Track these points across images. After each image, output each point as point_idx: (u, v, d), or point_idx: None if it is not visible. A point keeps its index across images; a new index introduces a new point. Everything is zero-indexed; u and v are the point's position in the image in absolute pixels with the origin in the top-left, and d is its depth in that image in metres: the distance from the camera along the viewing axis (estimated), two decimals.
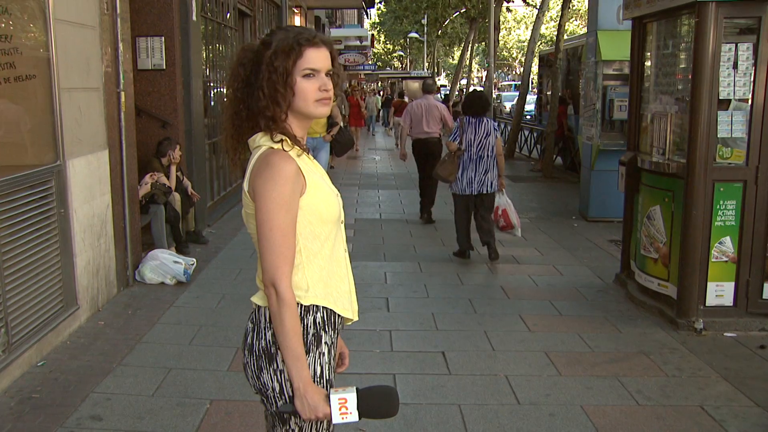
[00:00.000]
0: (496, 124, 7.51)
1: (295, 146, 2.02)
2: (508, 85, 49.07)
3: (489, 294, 6.26)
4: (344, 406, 1.97)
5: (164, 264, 6.28)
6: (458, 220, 7.54)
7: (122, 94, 5.97)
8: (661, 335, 5.22)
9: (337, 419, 1.97)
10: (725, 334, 5.23)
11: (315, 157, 4.64)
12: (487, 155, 7.21)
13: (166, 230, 7.02)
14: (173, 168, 7.37)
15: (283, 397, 2.01)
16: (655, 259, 5.78)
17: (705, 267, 5.30)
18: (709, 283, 5.32)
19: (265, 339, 2.02)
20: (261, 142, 2.01)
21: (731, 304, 5.34)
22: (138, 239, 6.45)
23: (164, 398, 4.06)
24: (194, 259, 6.65)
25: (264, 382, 2.03)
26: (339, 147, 9.64)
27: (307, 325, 2.03)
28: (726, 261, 5.31)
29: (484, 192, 7.27)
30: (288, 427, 2.06)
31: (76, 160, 5.15)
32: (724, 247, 5.29)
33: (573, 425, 3.82)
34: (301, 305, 2.02)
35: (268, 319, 2.01)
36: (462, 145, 7.23)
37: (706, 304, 5.33)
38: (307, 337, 2.02)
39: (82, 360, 4.60)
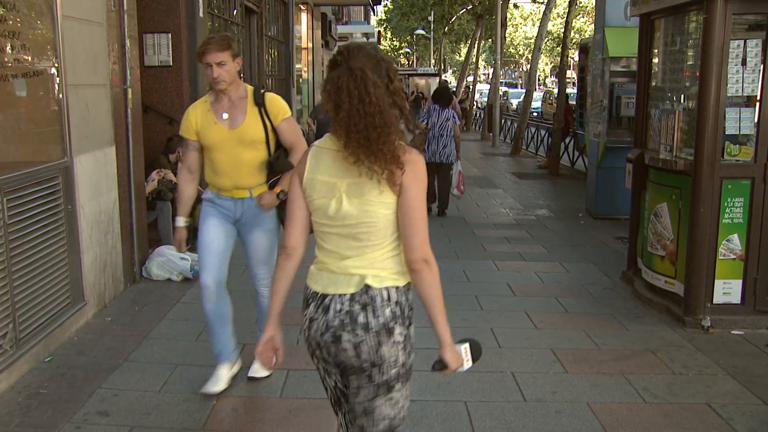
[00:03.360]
0: (454, 112, 9.78)
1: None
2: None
3: (495, 291, 6.25)
4: (467, 354, 2.36)
5: (171, 260, 6.29)
6: None
7: (129, 90, 5.98)
8: (667, 333, 5.21)
9: (467, 366, 2.35)
10: (732, 331, 5.22)
11: (246, 243, 4.17)
12: (446, 134, 9.53)
13: (173, 227, 7.03)
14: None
15: (397, 365, 2.29)
16: (662, 257, 5.76)
17: (712, 264, 5.29)
18: (716, 281, 5.30)
19: (384, 316, 2.26)
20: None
21: (739, 302, 5.32)
22: (145, 236, 6.46)
23: (171, 394, 4.07)
24: None
25: (382, 354, 2.26)
26: None
27: (410, 300, 2.36)
28: (734, 258, 5.29)
29: (442, 161, 9.57)
30: (391, 396, 2.33)
31: (83, 157, 5.16)
32: (732, 245, 5.27)
33: (579, 422, 3.81)
34: (407, 284, 2.33)
35: (385, 298, 2.26)
36: (428, 125, 9.50)
37: (714, 302, 5.31)
38: (411, 311, 2.36)
39: (89, 356, 4.61)
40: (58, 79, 4.82)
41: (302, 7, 18.59)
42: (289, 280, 2.44)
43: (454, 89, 29.72)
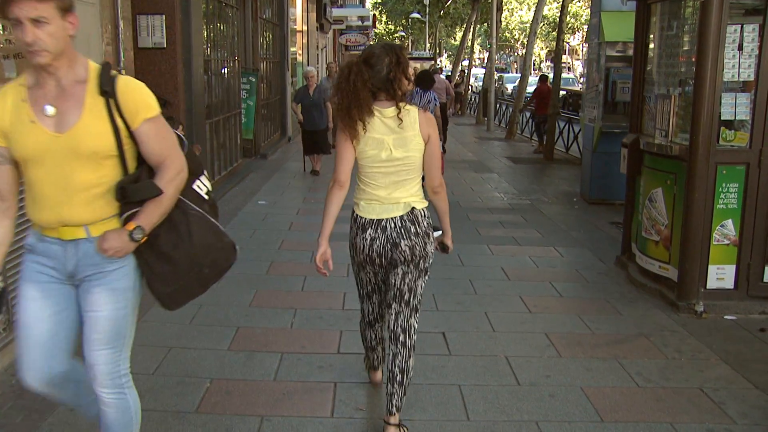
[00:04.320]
0: (435, 95, 9.28)
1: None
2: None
3: (489, 275, 6.26)
4: None
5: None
6: None
7: (123, 72, 5.94)
8: (661, 317, 5.23)
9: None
10: (725, 316, 5.24)
11: (82, 309, 2.58)
12: None
13: None
14: None
15: (431, 256, 3.43)
16: (657, 242, 5.77)
17: (706, 250, 5.30)
18: (710, 266, 5.32)
19: (423, 225, 3.35)
20: (410, 107, 3.29)
21: (732, 287, 5.34)
22: None
23: (165, 377, 4.07)
24: None
25: (428, 251, 3.37)
26: (172, 277, 2.66)
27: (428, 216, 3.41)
28: (727, 244, 5.30)
29: None
30: (426, 276, 3.45)
31: None
32: (726, 230, 5.28)
33: (573, 406, 3.83)
34: (428, 205, 3.41)
35: (423, 215, 3.36)
36: None
37: (707, 287, 5.33)
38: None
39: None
40: None
41: None
42: (339, 207, 3.33)
43: (449, 73, 29.65)
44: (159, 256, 2.59)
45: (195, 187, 2.71)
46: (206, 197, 2.75)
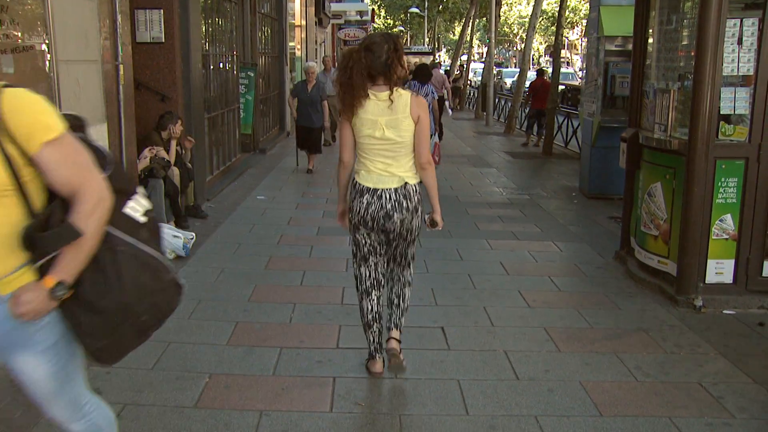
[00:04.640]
0: (433, 88, 10.06)
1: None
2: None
3: (488, 270, 6.26)
4: None
5: (162, 238, 6.24)
6: None
7: (121, 67, 5.92)
8: (660, 312, 5.23)
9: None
10: (724, 311, 5.24)
11: (17, 374, 2.22)
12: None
13: (165, 204, 7.00)
14: (173, 142, 7.33)
15: (418, 228, 3.89)
16: (656, 236, 5.77)
17: (705, 244, 5.30)
18: (709, 261, 5.32)
19: (414, 200, 3.77)
20: (403, 91, 3.69)
21: (731, 282, 5.34)
22: None
23: (163, 372, 4.06)
24: (193, 234, 6.64)
25: (414, 224, 3.81)
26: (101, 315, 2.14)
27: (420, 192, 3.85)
28: (726, 238, 5.30)
29: None
30: (415, 244, 3.98)
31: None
32: (725, 225, 5.28)
33: (571, 401, 3.83)
34: (420, 181, 3.83)
35: (415, 190, 3.77)
36: None
37: (706, 282, 5.33)
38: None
39: None
40: (48, 55, 4.76)
41: None
42: (348, 177, 3.84)
43: (448, 68, 29.59)
44: (84, 307, 2.11)
45: (127, 209, 2.18)
46: (143, 220, 2.23)
